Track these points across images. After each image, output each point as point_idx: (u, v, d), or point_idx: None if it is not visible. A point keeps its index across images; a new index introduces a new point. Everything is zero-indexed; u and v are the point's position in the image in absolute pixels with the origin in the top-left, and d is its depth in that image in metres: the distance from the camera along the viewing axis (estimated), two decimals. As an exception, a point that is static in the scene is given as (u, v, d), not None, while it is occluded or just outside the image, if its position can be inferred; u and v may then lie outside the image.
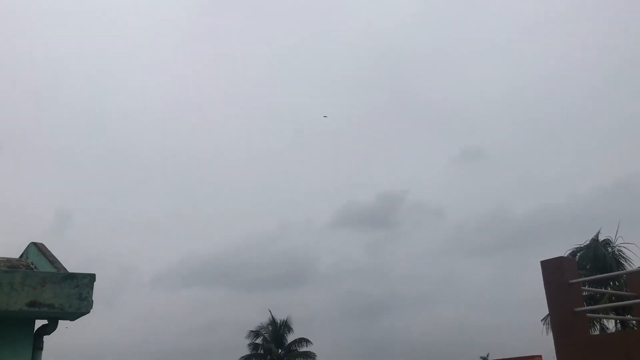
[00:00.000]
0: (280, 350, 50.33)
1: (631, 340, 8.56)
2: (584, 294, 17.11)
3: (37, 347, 7.42)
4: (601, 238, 23.64)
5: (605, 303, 20.76)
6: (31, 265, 9.08)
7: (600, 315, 13.02)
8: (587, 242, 23.59)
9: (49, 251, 9.36)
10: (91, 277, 7.23)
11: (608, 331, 19.90)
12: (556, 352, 9.07)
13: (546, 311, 23.39)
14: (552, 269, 9.20)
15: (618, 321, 19.43)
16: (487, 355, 40.89)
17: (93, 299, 7.20)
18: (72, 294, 7.09)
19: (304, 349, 51.21)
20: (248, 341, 51.20)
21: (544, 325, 29.71)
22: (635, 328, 13.68)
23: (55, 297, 6.99)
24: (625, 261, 22.42)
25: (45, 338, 7.62)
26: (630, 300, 10.29)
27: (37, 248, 9.49)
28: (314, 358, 51.66)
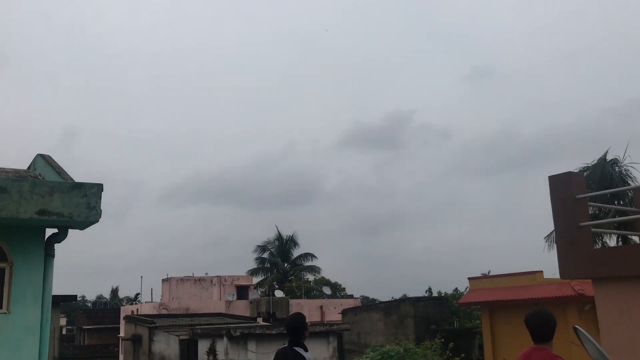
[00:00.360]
0: (286, 265, 51.70)
1: (634, 254, 8.65)
2: (590, 211, 17.29)
3: (49, 254, 7.58)
4: (609, 158, 23.44)
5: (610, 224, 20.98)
6: (39, 176, 9.13)
7: (605, 230, 13.16)
8: (595, 162, 23.41)
9: (56, 162, 9.38)
10: (99, 187, 7.28)
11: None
12: (559, 266, 9.21)
13: (549, 229, 23.77)
14: (560, 184, 9.19)
15: (620, 238, 19.68)
16: (489, 272, 41.90)
17: (102, 209, 7.27)
18: (81, 203, 7.15)
19: (309, 263, 52.60)
20: (255, 255, 52.54)
21: (547, 243, 30.13)
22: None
23: (64, 206, 7.05)
24: (632, 181, 22.30)
25: (58, 249, 7.75)
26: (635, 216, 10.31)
27: (44, 160, 9.51)
28: (319, 272, 53.19)
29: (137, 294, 61.96)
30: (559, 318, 17.99)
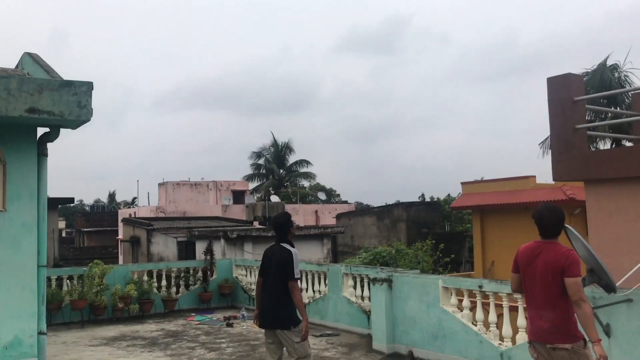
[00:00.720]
0: (281, 171, 52.07)
1: (627, 156, 8.69)
2: (587, 117, 17.20)
3: (42, 153, 7.53)
4: (609, 63, 23.03)
5: (605, 129, 20.96)
6: (27, 75, 8.90)
7: (600, 133, 13.13)
8: (594, 67, 23.03)
9: (44, 61, 9.11)
10: (89, 85, 7.11)
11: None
12: (552, 168, 9.28)
13: (545, 136, 23.77)
14: (558, 86, 9.08)
15: (614, 143, 19.73)
16: (482, 178, 42.36)
17: (93, 108, 7.14)
18: (71, 101, 7.00)
19: (304, 169, 52.98)
20: (250, 162, 52.77)
21: (542, 149, 30.21)
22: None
23: (54, 104, 6.91)
24: (631, 86, 22.07)
25: (57, 155, 7.66)
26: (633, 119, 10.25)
27: (32, 58, 9.24)
28: (314, 178, 53.69)
29: (134, 198, 62.78)
30: (549, 220, 17.81)
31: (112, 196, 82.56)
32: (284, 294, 5.88)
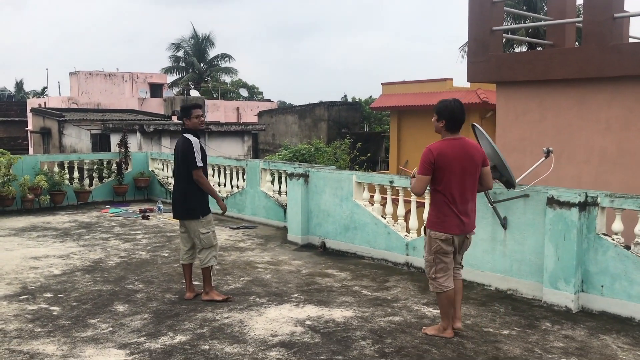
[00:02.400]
0: (202, 65, 50.47)
1: (537, 59, 8.99)
2: (508, 22, 17.51)
3: None
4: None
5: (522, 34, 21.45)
6: None
7: (517, 37, 13.43)
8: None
9: None
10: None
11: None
12: (467, 69, 9.50)
13: (465, 40, 24.04)
14: (479, -14, 9.11)
15: (529, 48, 20.32)
16: (403, 80, 42.74)
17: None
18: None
19: (226, 64, 51.58)
20: (169, 54, 50.69)
21: (461, 53, 30.65)
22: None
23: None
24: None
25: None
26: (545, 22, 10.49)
27: None
28: (236, 74, 52.50)
29: (44, 88, 59.40)
30: (463, 123, 18.71)
31: (19, 85, 77.64)
32: (189, 184, 5.88)
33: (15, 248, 8.40)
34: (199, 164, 5.83)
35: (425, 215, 7.36)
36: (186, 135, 5.92)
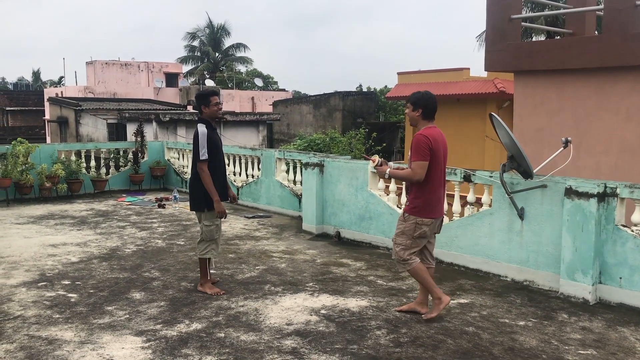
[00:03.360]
0: (217, 54, 50.50)
1: (556, 48, 8.87)
2: (526, 11, 17.31)
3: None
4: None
5: (541, 22, 21.17)
6: None
7: (536, 25, 13.26)
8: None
9: None
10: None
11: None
12: (485, 58, 9.39)
13: (483, 29, 23.72)
14: (497, -26, 8.99)
15: (548, 37, 20.06)
16: (419, 70, 42.45)
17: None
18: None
19: (241, 54, 51.61)
20: (184, 43, 50.76)
21: (478, 42, 30.35)
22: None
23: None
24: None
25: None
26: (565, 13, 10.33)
27: None
28: (251, 63, 52.51)
29: (61, 77, 59.78)
30: (480, 113, 19.05)
31: (36, 75, 78.27)
32: (196, 175, 5.75)
33: (34, 236, 8.50)
34: (203, 156, 5.64)
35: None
36: (199, 124, 5.79)
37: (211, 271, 6.14)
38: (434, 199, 5.01)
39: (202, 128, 5.71)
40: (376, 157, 5.28)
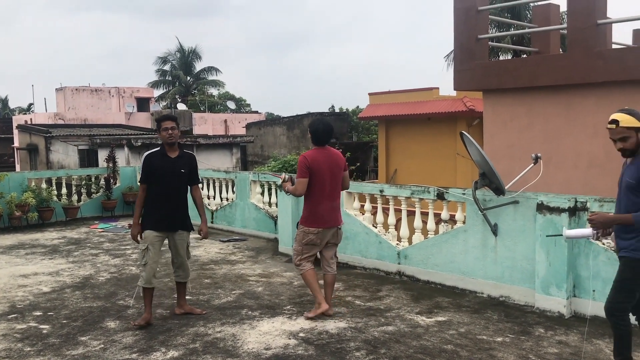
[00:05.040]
0: (188, 78, 50.40)
1: (523, 67, 9.06)
2: (493, 30, 17.68)
3: None
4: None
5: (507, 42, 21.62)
6: None
7: (501, 44, 13.54)
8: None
9: None
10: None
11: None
12: (454, 77, 9.55)
13: (451, 49, 24.16)
14: (464, -5, 9.18)
15: (514, 55, 20.49)
16: (390, 90, 42.91)
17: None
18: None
19: (213, 77, 51.56)
20: (156, 67, 50.60)
21: (446, 62, 30.83)
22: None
23: None
24: None
25: None
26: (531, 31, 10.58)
27: None
28: (223, 86, 52.49)
29: (30, 104, 58.95)
30: (451, 131, 19.24)
31: (4, 102, 77.02)
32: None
33: (3, 266, 8.30)
34: (139, 181, 5.80)
35: (417, 223, 7.40)
36: (149, 150, 5.82)
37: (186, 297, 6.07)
38: (318, 210, 5.65)
39: (145, 154, 5.75)
40: (284, 175, 6.00)
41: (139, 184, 5.77)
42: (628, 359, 4.11)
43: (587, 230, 4.20)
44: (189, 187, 5.94)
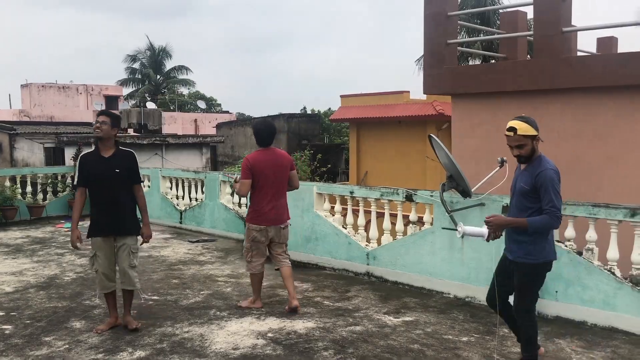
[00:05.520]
0: (158, 77, 49.85)
1: (490, 72, 9.23)
2: (462, 36, 18.05)
3: None
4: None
5: (477, 47, 21.96)
6: None
7: (471, 50, 13.77)
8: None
9: None
10: None
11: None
12: (423, 81, 9.67)
13: (421, 53, 24.50)
14: (435, 0, 9.31)
15: (483, 61, 20.82)
16: (361, 93, 43.11)
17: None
18: None
19: (183, 76, 51.05)
20: (125, 65, 49.95)
21: (417, 66, 31.13)
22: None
23: None
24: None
25: None
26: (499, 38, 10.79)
27: None
28: (194, 85, 52.04)
29: (-6, 101, 57.53)
30: (420, 135, 19.41)
31: (-33, 98, 75.11)
32: None
33: (-35, 265, 8.11)
34: (74, 184, 5.56)
35: (386, 224, 7.47)
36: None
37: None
38: (261, 209, 5.86)
39: (80, 155, 5.60)
40: (235, 175, 6.46)
41: (74, 184, 5.44)
42: (535, 356, 4.37)
43: (483, 230, 4.33)
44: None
